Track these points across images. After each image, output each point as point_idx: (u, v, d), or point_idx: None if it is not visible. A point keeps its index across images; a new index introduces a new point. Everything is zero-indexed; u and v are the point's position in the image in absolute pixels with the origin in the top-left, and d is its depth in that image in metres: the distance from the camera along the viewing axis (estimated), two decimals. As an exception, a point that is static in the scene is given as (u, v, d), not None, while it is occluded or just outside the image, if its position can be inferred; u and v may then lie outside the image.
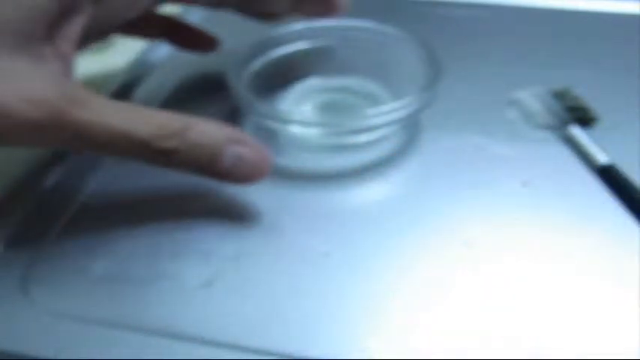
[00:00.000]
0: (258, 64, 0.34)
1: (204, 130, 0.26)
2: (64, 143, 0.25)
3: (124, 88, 0.37)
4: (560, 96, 0.34)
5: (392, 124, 0.30)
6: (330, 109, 0.34)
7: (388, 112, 0.29)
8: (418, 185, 0.30)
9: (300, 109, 0.34)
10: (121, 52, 0.41)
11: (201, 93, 0.36)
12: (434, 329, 0.23)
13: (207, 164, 0.26)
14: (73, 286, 0.25)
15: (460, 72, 0.31)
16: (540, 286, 0.25)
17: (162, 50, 0.40)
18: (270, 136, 0.32)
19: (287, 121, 0.29)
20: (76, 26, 0.26)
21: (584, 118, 0.33)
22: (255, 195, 0.29)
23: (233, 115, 0.27)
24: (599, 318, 0.24)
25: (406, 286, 0.25)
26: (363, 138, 0.31)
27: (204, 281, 0.25)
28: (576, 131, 0.32)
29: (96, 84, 0.38)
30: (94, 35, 0.29)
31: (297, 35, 0.35)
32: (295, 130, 0.29)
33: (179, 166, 0.26)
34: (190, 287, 0.25)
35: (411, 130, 0.33)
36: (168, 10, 0.36)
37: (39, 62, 0.24)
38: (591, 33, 0.42)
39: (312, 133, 0.29)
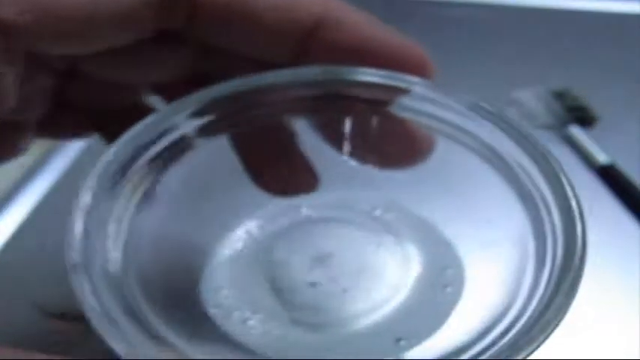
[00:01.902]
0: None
1: None
2: None
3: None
4: (560, 96, 0.34)
5: None
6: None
7: None
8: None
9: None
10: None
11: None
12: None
13: None
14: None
15: (460, 72, 0.31)
16: (540, 286, 0.25)
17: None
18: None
19: None
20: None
21: (584, 118, 0.33)
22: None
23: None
24: (599, 318, 0.24)
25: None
26: None
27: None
28: (576, 131, 0.32)
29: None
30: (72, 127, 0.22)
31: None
32: None
33: None
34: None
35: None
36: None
37: None
38: (591, 33, 0.42)
39: None
